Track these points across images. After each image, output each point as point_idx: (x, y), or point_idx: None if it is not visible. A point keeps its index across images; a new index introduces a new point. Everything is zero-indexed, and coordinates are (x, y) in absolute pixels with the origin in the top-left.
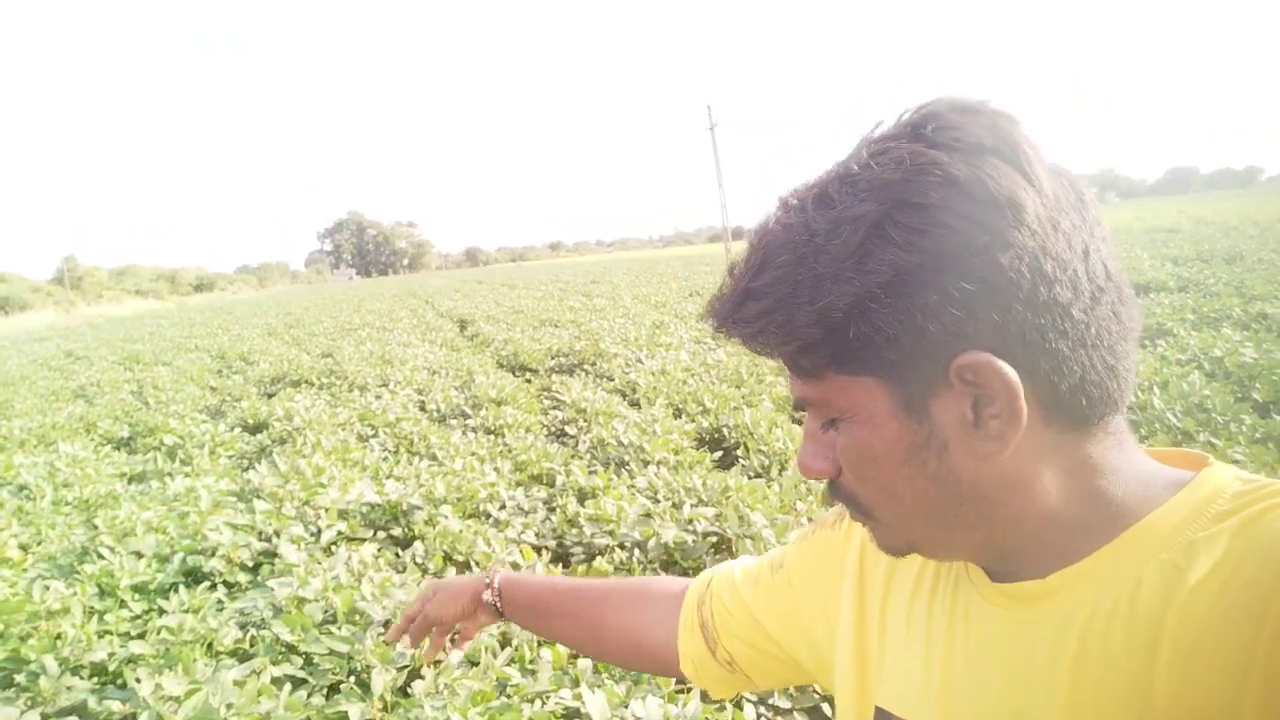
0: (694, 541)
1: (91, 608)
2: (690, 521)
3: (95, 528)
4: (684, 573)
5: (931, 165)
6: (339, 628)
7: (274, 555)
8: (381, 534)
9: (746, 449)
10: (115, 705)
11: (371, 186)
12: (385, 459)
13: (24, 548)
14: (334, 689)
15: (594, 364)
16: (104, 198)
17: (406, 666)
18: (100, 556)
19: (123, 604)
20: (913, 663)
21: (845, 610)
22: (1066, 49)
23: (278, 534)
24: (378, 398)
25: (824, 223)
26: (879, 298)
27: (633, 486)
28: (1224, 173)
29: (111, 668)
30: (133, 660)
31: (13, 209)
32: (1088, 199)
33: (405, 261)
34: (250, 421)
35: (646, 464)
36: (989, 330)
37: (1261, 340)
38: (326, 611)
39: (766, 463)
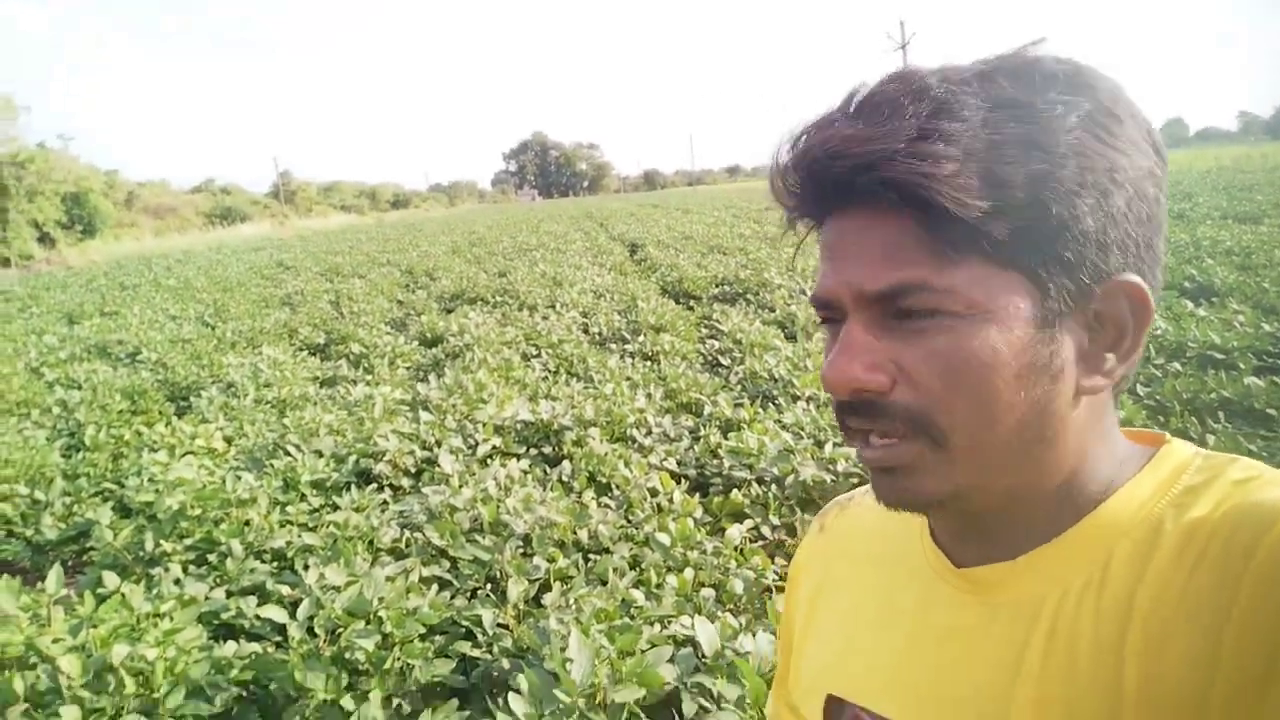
0: (833, 481)
1: (276, 499)
2: (832, 461)
3: (285, 427)
4: (817, 511)
5: (1117, 89)
6: (484, 536)
7: (434, 464)
8: (533, 451)
9: None
10: (285, 589)
11: (555, 108)
12: (545, 378)
13: (228, 440)
14: (475, 593)
15: (757, 294)
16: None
17: (538, 580)
18: (287, 453)
19: (303, 498)
20: (873, 651)
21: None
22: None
23: (439, 444)
24: (544, 318)
25: (1017, 96)
26: (1089, 187)
27: (779, 421)
28: (1211, 130)
29: (289, 555)
30: (307, 550)
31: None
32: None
33: (585, 183)
34: (428, 335)
35: (795, 399)
36: (1150, 261)
37: None
38: (474, 520)
39: None
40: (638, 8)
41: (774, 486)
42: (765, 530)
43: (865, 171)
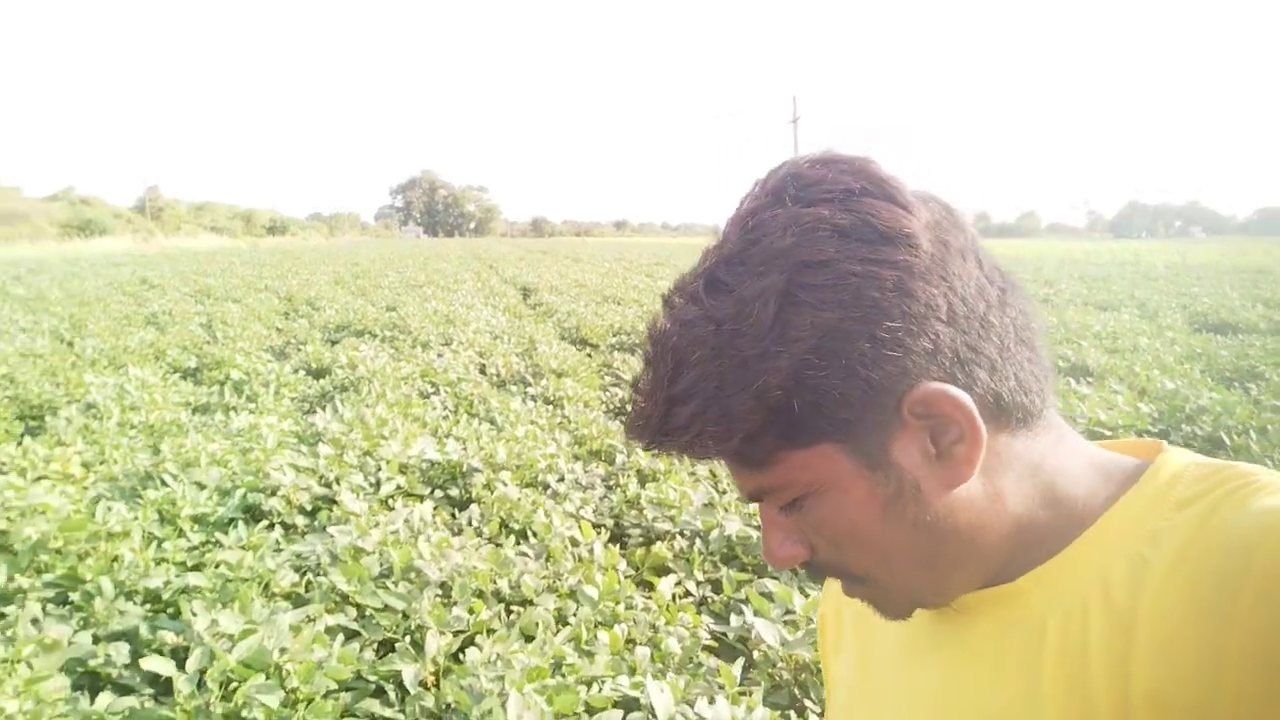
0: (757, 537)
1: (151, 534)
2: (756, 516)
3: (159, 453)
4: (743, 568)
5: (816, 221)
6: (395, 584)
7: (332, 501)
8: (439, 493)
9: None
10: (169, 636)
11: (446, 147)
12: (445, 417)
13: (86, 465)
14: (384, 645)
15: None
16: (189, 134)
17: (461, 632)
18: (163, 484)
19: (181, 533)
20: (890, 678)
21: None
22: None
23: (338, 481)
24: (439, 356)
25: (727, 307)
26: (813, 363)
27: (693, 474)
28: None
29: (165, 596)
30: (187, 591)
31: (102, 135)
32: (955, 210)
33: (472, 225)
34: (314, 365)
35: None
36: (925, 359)
37: None
38: (383, 565)
39: None
40: (535, 58)
41: (697, 540)
42: (690, 586)
43: (652, 444)
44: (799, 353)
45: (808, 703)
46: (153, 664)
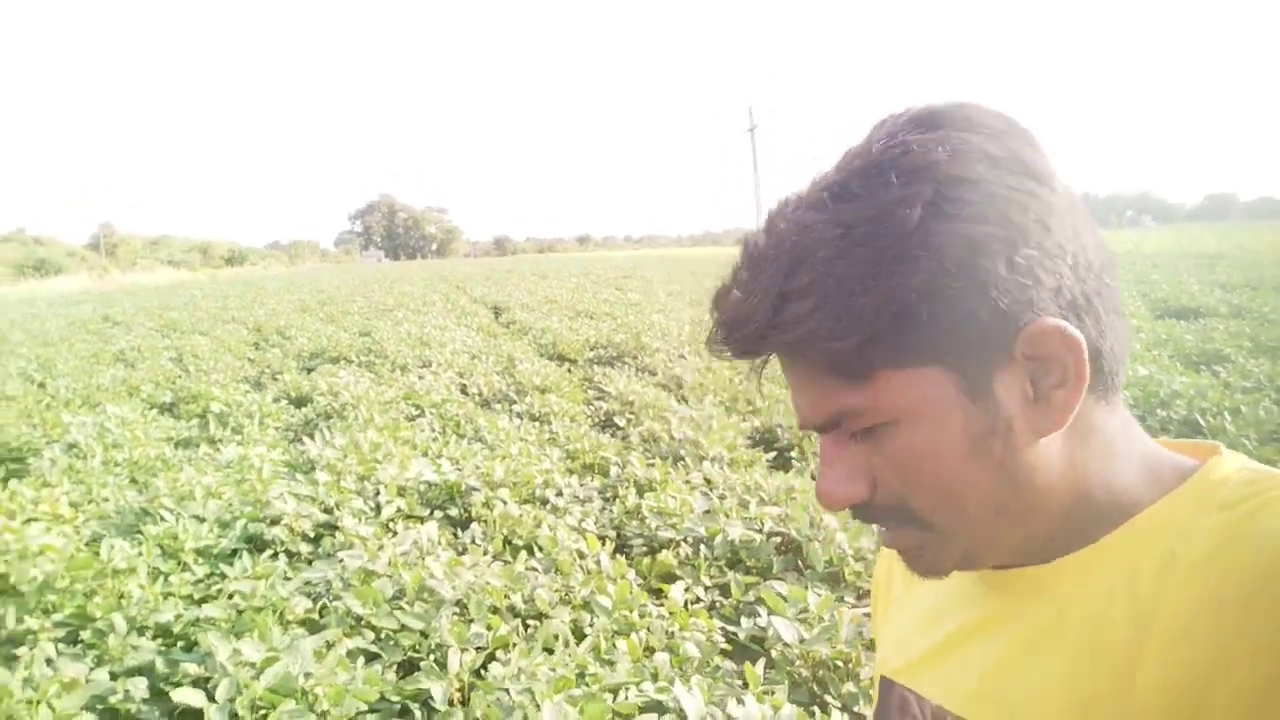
0: (760, 541)
1: (156, 569)
2: (759, 520)
3: (150, 489)
4: (748, 571)
5: (968, 146)
6: (409, 604)
7: (334, 527)
8: (438, 513)
9: (802, 450)
10: (191, 668)
11: (404, 170)
12: (434, 439)
13: (75, 505)
14: (405, 665)
15: (635, 357)
16: (141, 167)
17: (482, 649)
18: (162, 519)
19: (185, 567)
20: (921, 640)
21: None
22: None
23: (338, 506)
24: (420, 378)
25: (861, 211)
26: (951, 274)
27: (688, 482)
28: (1264, 201)
29: (177, 629)
30: (200, 623)
31: (51, 174)
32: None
33: (434, 247)
34: (293, 394)
35: (702, 460)
36: (1048, 297)
37: None
38: (395, 587)
39: None
40: (492, 75)
41: (701, 547)
42: (700, 592)
43: (751, 343)
44: (938, 261)
45: (828, 698)
46: (184, 696)
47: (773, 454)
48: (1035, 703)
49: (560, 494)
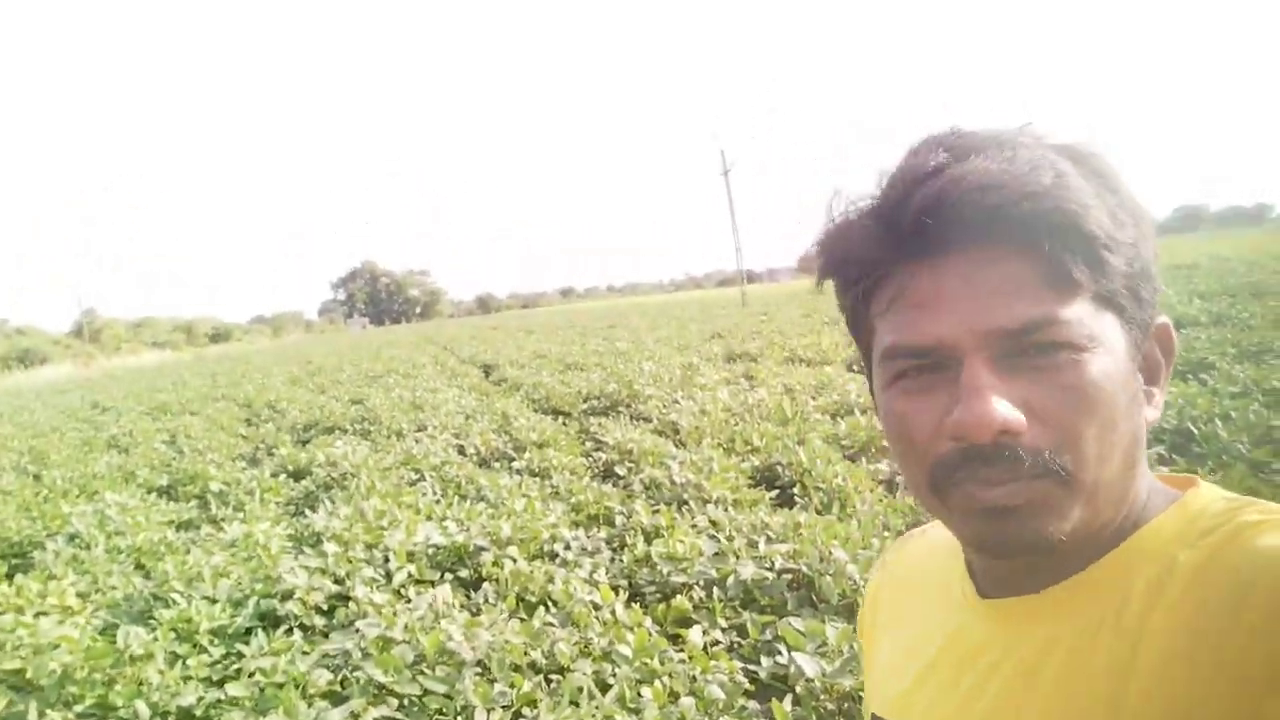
0: (773, 579)
1: (173, 653)
2: (769, 559)
3: (158, 573)
4: (762, 611)
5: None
6: (431, 668)
7: (347, 598)
8: (449, 575)
9: (804, 486)
10: None
11: (384, 235)
12: (437, 501)
13: (82, 596)
14: None
15: (629, 405)
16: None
17: (508, 707)
18: (174, 602)
19: (202, 649)
20: (906, 675)
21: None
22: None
23: (349, 576)
24: (417, 442)
25: (1100, 167)
26: (1149, 240)
27: (695, 526)
28: (1233, 210)
29: (199, 713)
30: (221, 704)
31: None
32: None
33: (418, 309)
34: (291, 467)
35: (705, 503)
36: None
37: None
38: (415, 652)
39: (827, 499)
40: (466, 134)
41: (714, 589)
42: (717, 634)
43: (1019, 203)
44: (1148, 226)
45: None
46: None
47: (775, 492)
48: None
49: (568, 547)
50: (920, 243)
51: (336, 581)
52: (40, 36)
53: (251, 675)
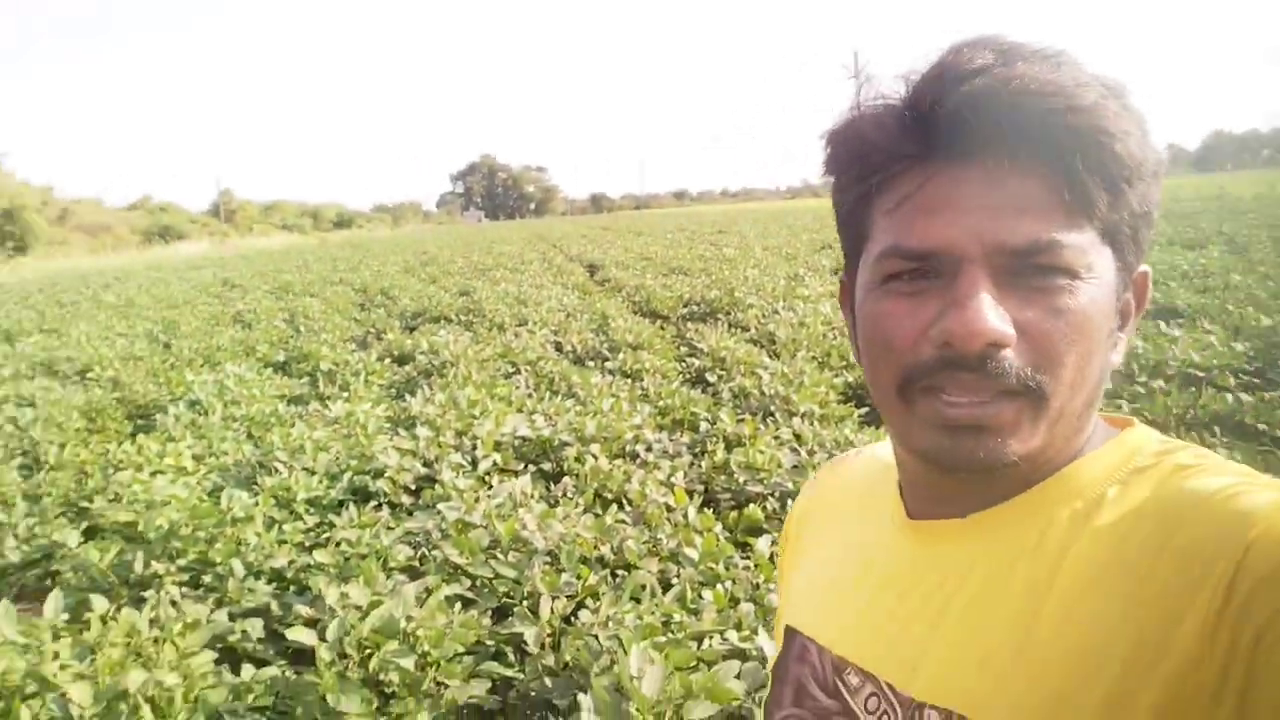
0: None
1: (271, 517)
2: None
3: (265, 444)
4: None
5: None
6: (504, 554)
7: (434, 480)
8: (532, 467)
9: None
10: (304, 610)
11: (503, 130)
12: (529, 395)
13: (197, 458)
14: (499, 611)
15: (728, 313)
16: (256, 136)
17: (572, 597)
18: (276, 471)
19: (297, 516)
20: (826, 590)
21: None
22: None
23: (438, 460)
24: (516, 336)
25: (1131, 103)
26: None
27: (777, 437)
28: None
29: (289, 574)
30: (310, 569)
31: (174, 143)
32: None
33: (532, 206)
34: (396, 352)
35: (792, 415)
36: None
37: None
38: (491, 537)
39: None
40: (587, 34)
41: (789, 502)
42: None
43: (1065, 114)
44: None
45: None
46: (297, 635)
47: (864, 410)
48: (937, 654)
49: (650, 449)
50: (951, 141)
51: (425, 464)
52: None
53: (339, 545)
